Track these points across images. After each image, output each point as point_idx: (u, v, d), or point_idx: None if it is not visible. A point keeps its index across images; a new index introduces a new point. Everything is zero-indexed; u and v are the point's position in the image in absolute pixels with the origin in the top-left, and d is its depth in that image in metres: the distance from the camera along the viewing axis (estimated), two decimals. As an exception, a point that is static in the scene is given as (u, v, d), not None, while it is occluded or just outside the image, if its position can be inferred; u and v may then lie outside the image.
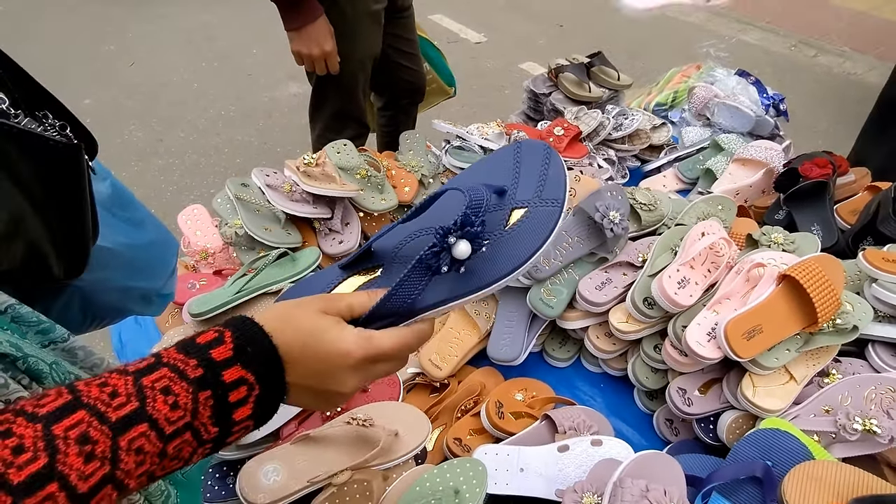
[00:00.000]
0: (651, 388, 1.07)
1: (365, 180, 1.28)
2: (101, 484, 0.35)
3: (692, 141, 1.77)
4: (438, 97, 2.16)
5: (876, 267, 1.01)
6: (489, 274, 0.54)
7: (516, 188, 0.57)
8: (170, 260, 0.73)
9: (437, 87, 2.11)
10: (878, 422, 0.81)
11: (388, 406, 0.91)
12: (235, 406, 0.42)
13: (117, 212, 0.63)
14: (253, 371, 0.43)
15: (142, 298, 0.68)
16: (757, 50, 3.70)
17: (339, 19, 1.52)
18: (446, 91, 2.15)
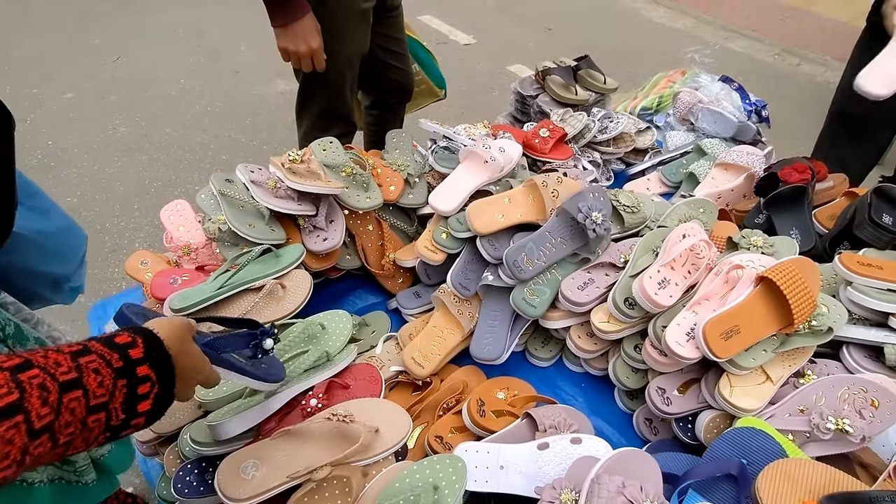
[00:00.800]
0: (631, 387, 1.09)
1: (350, 178, 1.28)
2: (46, 428, 0.43)
3: (676, 145, 1.79)
4: (427, 99, 2.16)
5: (851, 270, 1.03)
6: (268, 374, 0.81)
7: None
8: (78, 248, 0.80)
9: (426, 89, 2.11)
10: (850, 421, 0.83)
11: (369, 402, 0.91)
12: (141, 398, 0.52)
13: (24, 200, 0.68)
14: (156, 372, 0.53)
15: (52, 284, 0.75)
16: (742, 57, 3.76)
17: (327, 17, 1.51)
18: (436, 93, 2.15)
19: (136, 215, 2.56)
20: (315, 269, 1.24)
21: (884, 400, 0.86)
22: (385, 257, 1.33)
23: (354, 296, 1.41)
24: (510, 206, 1.20)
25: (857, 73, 1.52)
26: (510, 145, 1.33)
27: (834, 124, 1.74)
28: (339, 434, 0.81)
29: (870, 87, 1.26)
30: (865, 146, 1.74)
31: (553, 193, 1.17)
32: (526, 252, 1.13)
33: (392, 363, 1.18)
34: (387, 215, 1.37)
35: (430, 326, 1.20)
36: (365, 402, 0.91)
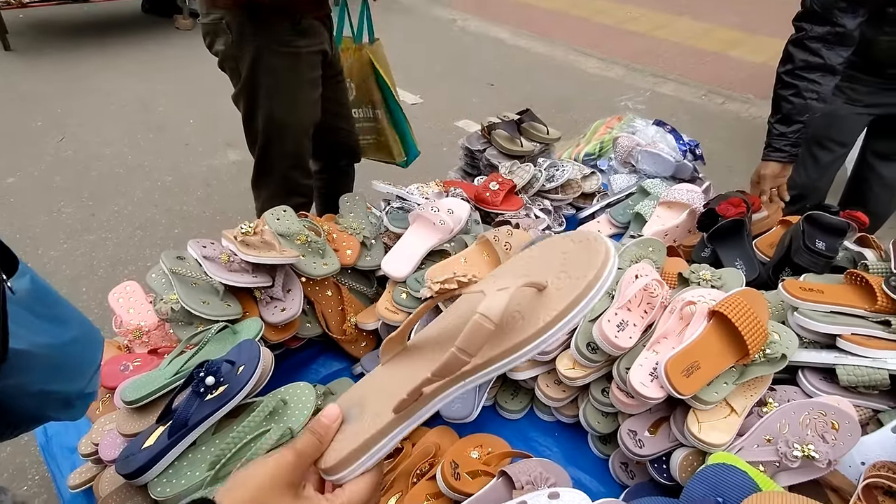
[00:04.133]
0: (603, 432, 1.08)
1: (305, 246, 1.27)
2: None
3: (620, 187, 1.87)
4: (385, 156, 2.26)
5: (795, 296, 1.07)
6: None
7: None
8: (94, 357, 0.68)
9: (386, 144, 2.21)
10: (815, 447, 0.85)
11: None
12: None
13: (39, 309, 0.58)
14: None
15: (62, 403, 0.62)
16: (672, 100, 4.01)
17: (283, 88, 1.55)
18: (394, 156, 2.25)
19: (85, 298, 2.46)
20: (274, 340, 1.21)
21: (843, 422, 0.89)
22: (346, 322, 1.31)
23: (317, 364, 1.37)
24: (467, 266, 1.21)
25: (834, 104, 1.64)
26: (458, 205, 1.36)
27: (813, 150, 1.85)
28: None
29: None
30: (836, 167, 1.84)
31: (506, 247, 1.19)
32: (486, 305, 1.13)
33: (361, 432, 1.14)
34: (345, 279, 1.37)
35: (397, 389, 1.18)
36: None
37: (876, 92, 1.61)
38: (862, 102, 1.65)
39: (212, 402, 0.92)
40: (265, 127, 1.58)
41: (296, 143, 1.62)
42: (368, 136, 2.21)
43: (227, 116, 1.71)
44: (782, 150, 1.52)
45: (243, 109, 1.61)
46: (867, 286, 1.07)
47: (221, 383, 0.94)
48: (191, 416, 0.88)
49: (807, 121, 1.49)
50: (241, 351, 1.01)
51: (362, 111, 2.14)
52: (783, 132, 1.52)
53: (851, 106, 1.67)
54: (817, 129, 1.78)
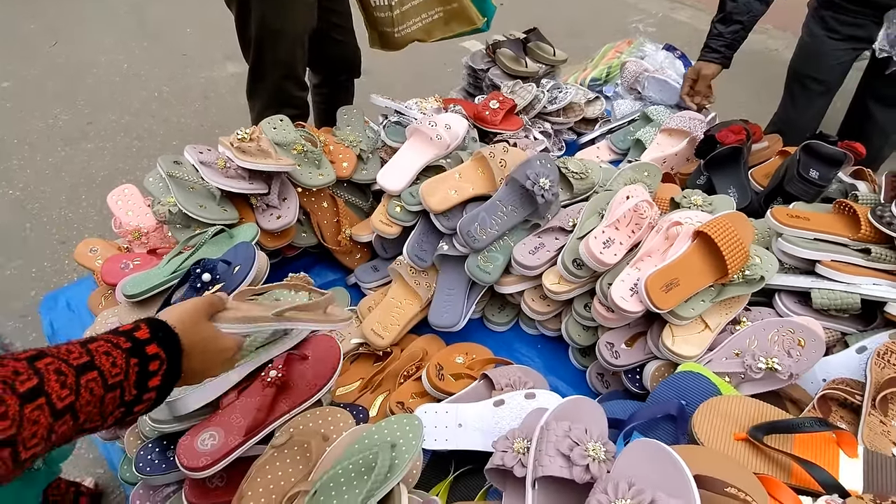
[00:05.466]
0: (583, 345, 1.14)
1: (301, 156, 1.28)
2: (67, 408, 0.47)
3: (623, 113, 1.84)
4: (461, 26, 1.90)
5: (781, 223, 1.09)
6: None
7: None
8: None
9: (458, 12, 1.85)
10: (779, 360, 0.89)
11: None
12: (152, 375, 0.55)
13: None
14: (164, 349, 0.57)
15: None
16: (686, 27, 3.85)
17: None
18: (472, 21, 1.86)
19: (84, 205, 2.48)
20: (270, 247, 1.24)
21: (809, 339, 0.93)
22: (341, 233, 1.33)
23: (313, 273, 1.41)
24: (461, 182, 1.22)
25: (811, 34, 1.63)
26: (456, 121, 1.35)
27: (792, 87, 1.82)
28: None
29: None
30: (817, 104, 1.81)
31: (501, 163, 1.20)
32: (479, 222, 1.16)
33: (352, 336, 1.20)
34: (341, 191, 1.38)
35: (389, 298, 1.22)
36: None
37: (860, 24, 1.52)
38: (840, 34, 1.57)
39: None
40: (258, 32, 1.53)
41: (288, 52, 1.58)
42: (434, 10, 1.83)
43: (226, 27, 1.63)
44: (717, 51, 1.54)
45: (235, 13, 1.56)
46: (853, 215, 1.08)
47: (218, 281, 0.97)
48: None
49: (746, 22, 1.50)
50: (238, 252, 1.04)
51: None
52: (721, 32, 1.54)
53: (830, 37, 1.60)
54: (795, 62, 1.74)
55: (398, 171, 1.28)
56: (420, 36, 1.87)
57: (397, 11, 1.74)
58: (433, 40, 1.92)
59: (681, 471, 0.62)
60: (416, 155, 1.30)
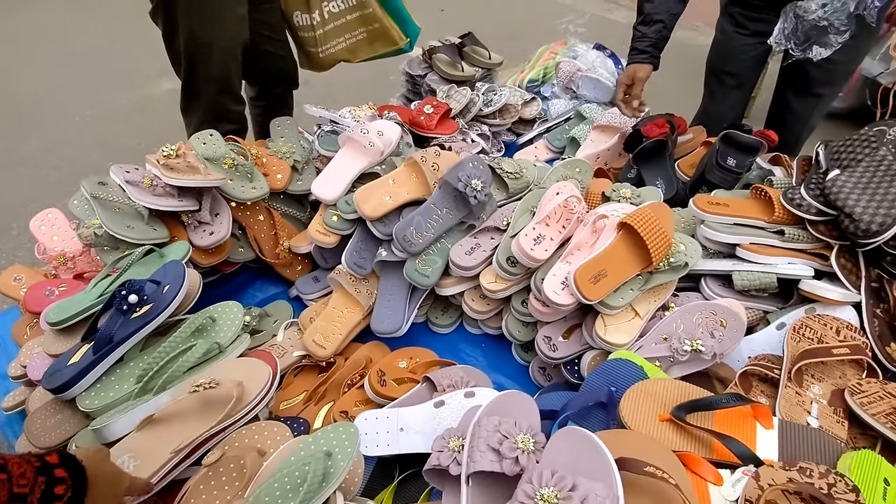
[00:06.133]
0: (524, 340, 1.16)
1: (232, 170, 1.26)
2: None
3: (558, 113, 1.88)
4: (385, 46, 1.93)
5: (702, 210, 1.14)
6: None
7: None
8: None
9: (381, 32, 1.88)
10: (702, 342, 0.93)
11: (224, 364, 0.93)
12: (56, 498, 0.55)
13: None
14: (71, 477, 0.57)
15: None
16: (623, 27, 3.96)
17: (199, 6, 1.46)
18: (395, 41, 1.90)
19: (15, 234, 2.38)
20: (205, 264, 1.22)
21: (730, 320, 0.97)
22: (280, 246, 1.32)
23: (254, 288, 1.40)
24: (396, 187, 1.22)
25: (723, 31, 1.70)
26: (389, 127, 1.36)
27: (709, 82, 1.89)
28: (207, 401, 0.81)
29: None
30: (733, 97, 1.89)
31: (434, 167, 1.21)
32: (414, 226, 1.16)
33: (295, 348, 1.19)
34: (277, 204, 1.36)
35: (330, 308, 1.22)
36: (221, 364, 0.93)
37: (765, 19, 1.57)
38: (749, 30, 1.63)
39: (137, 320, 0.93)
40: (187, 46, 1.50)
41: (222, 66, 1.55)
42: (357, 30, 1.85)
43: (159, 41, 1.59)
44: (645, 52, 1.56)
45: (162, 28, 1.53)
46: (768, 199, 1.14)
47: (146, 302, 0.95)
48: (115, 333, 0.90)
49: (667, 21, 1.52)
50: (167, 271, 1.02)
51: (342, 1, 1.78)
52: (644, 33, 1.56)
53: (739, 33, 1.66)
54: (710, 58, 1.82)
55: (332, 180, 1.28)
56: (345, 56, 1.90)
57: (319, 31, 1.76)
58: (359, 60, 1.96)
59: (603, 455, 0.64)
60: (350, 163, 1.30)
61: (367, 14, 1.83)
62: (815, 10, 1.48)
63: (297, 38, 1.81)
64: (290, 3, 1.71)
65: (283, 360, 1.16)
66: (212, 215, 1.22)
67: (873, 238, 0.94)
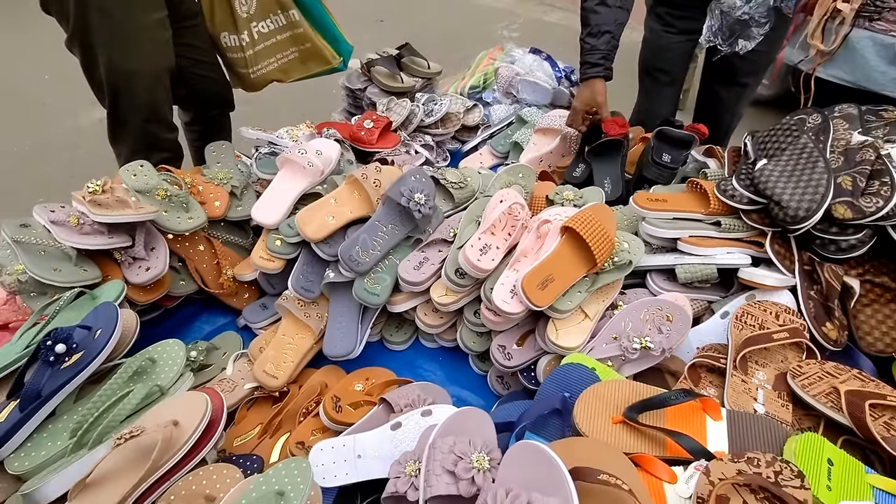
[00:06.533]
0: (479, 351, 1.15)
1: (166, 201, 1.21)
2: None
3: (500, 118, 1.90)
4: (319, 66, 1.90)
5: (642, 207, 1.16)
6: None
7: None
8: None
9: (313, 51, 1.85)
10: (650, 338, 0.94)
11: (154, 407, 0.88)
12: None
13: None
14: None
15: None
16: (561, 28, 4.06)
17: (117, 33, 1.40)
18: (328, 60, 1.88)
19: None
20: (144, 301, 1.16)
21: (676, 314, 0.99)
22: (223, 276, 1.27)
23: (201, 321, 1.34)
24: (338, 207, 1.20)
25: (651, 31, 1.73)
26: (327, 146, 1.33)
27: (643, 80, 1.93)
28: (134, 452, 0.77)
29: None
30: (667, 94, 1.95)
31: (375, 183, 1.19)
32: (360, 245, 1.14)
33: (246, 381, 1.15)
34: (217, 232, 1.32)
35: (279, 335, 1.18)
36: (154, 408, 0.88)
37: (691, 17, 1.64)
38: (676, 28, 1.69)
39: (67, 371, 0.88)
40: (109, 76, 1.44)
41: (148, 94, 1.49)
42: (288, 50, 1.82)
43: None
44: (598, 65, 1.51)
45: (80, 58, 1.46)
46: (704, 192, 1.17)
47: (76, 350, 0.90)
48: (43, 387, 0.84)
49: (615, 31, 1.51)
50: (98, 315, 0.96)
51: (271, 21, 1.73)
52: (594, 45, 1.52)
53: (667, 32, 1.72)
54: (643, 58, 1.87)
55: (272, 203, 1.24)
56: (277, 76, 1.87)
57: (249, 52, 1.72)
58: (292, 80, 1.92)
59: (556, 468, 0.64)
60: (290, 185, 1.26)
61: (298, 34, 1.80)
62: (740, 6, 1.54)
63: (226, 60, 1.76)
64: (217, 25, 1.66)
65: (233, 393, 1.12)
66: (147, 250, 1.16)
67: (801, 223, 0.98)
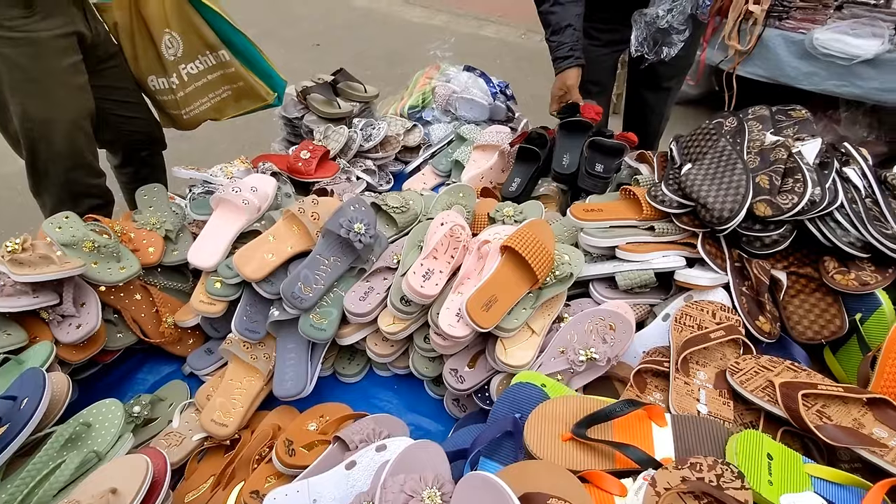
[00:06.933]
0: (432, 376, 1.14)
1: (95, 252, 1.16)
2: None
3: (439, 137, 1.91)
4: (251, 103, 1.89)
5: (579, 218, 1.19)
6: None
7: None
8: None
9: (248, 90, 1.85)
10: (595, 349, 0.96)
11: (90, 476, 0.84)
12: None
13: None
14: None
15: None
16: (495, 42, 4.14)
17: (30, 81, 1.35)
18: (262, 97, 1.87)
19: None
20: (77, 360, 1.11)
21: (618, 322, 1.01)
22: (163, 323, 1.23)
23: (143, 372, 1.29)
24: (277, 244, 1.18)
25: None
26: (262, 181, 1.31)
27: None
28: None
29: None
30: (599, 103, 2.01)
31: (313, 217, 1.18)
32: (302, 280, 1.13)
33: (194, 432, 1.11)
34: (154, 279, 1.27)
35: (227, 381, 1.14)
36: (90, 476, 0.84)
37: (615, 30, 1.73)
38: (601, 41, 1.77)
39: None
40: (23, 126, 1.37)
41: (68, 142, 1.43)
42: (220, 89, 1.80)
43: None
44: (568, 56, 1.58)
45: None
46: (636, 199, 1.21)
47: (1, 423, 0.84)
48: None
49: (575, 23, 1.57)
50: (24, 383, 0.91)
51: (201, 62, 1.71)
52: (560, 41, 1.58)
53: (593, 45, 1.79)
54: None
55: (209, 245, 1.21)
56: (212, 115, 1.84)
57: (180, 94, 1.68)
58: (227, 118, 1.90)
59: (506, 497, 0.64)
60: (226, 224, 1.23)
61: (229, 73, 1.78)
62: (662, 17, 1.62)
63: (155, 102, 1.71)
64: (143, 68, 1.62)
65: (181, 447, 1.08)
66: (76, 306, 1.11)
67: (727, 224, 1.02)
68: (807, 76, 2.33)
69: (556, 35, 1.59)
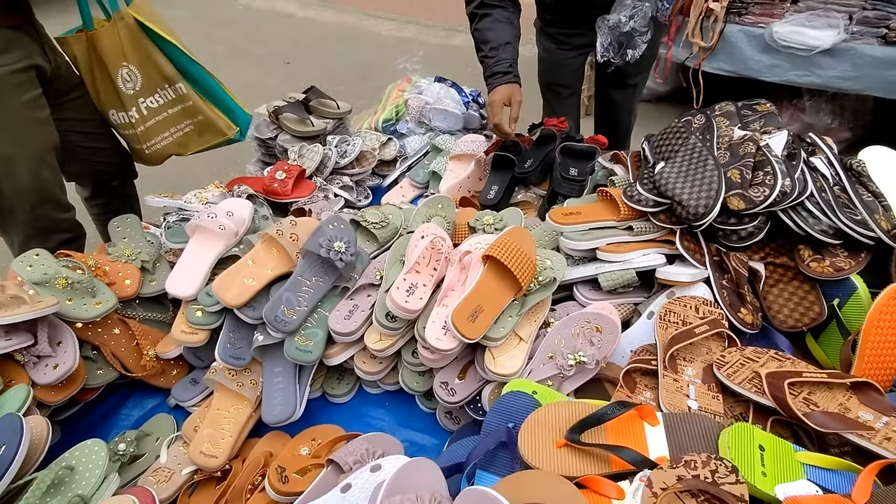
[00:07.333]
0: (423, 390, 1.14)
1: (69, 289, 1.13)
2: None
3: (415, 149, 1.91)
4: (213, 138, 1.87)
5: (558, 222, 1.20)
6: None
7: None
8: None
9: (210, 125, 1.83)
10: (583, 352, 0.96)
11: None
12: None
13: None
14: None
15: None
16: (464, 51, 4.17)
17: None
18: (222, 132, 1.85)
19: None
20: (56, 401, 1.08)
21: (604, 324, 1.02)
22: (144, 357, 1.20)
23: (127, 407, 1.26)
24: (257, 268, 1.16)
25: (545, 50, 1.79)
26: (238, 205, 1.29)
27: (546, 95, 2.03)
28: None
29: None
30: (570, 104, 2.04)
31: (292, 238, 1.17)
32: (284, 303, 1.11)
33: (183, 466, 1.08)
34: (133, 311, 1.25)
35: (214, 410, 1.12)
36: None
37: (581, 34, 1.77)
38: (569, 45, 1.81)
39: None
40: None
41: (32, 177, 1.40)
42: (182, 123, 1.78)
43: None
44: (508, 72, 1.57)
45: None
46: (613, 199, 1.22)
47: None
48: None
49: (513, 40, 1.57)
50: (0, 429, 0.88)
51: (160, 96, 1.69)
52: (499, 57, 1.57)
53: (561, 49, 1.83)
54: (541, 74, 1.98)
55: (187, 273, 1.19)
56: (176, 150, 1.81)
57: (140, 128, 1.66)
58: (192, 153, 1.86)
59: (503, 509, 0.63)
60: (204, 251, 1.22)
61: (188, 107, 1.75)
62: (625, 22, 1.65)
63: (120, 135, 1.69)
64: (104, 102, 1.59)
65: (171, 482, 1.05)
66: (52, 345, 1.08)
67: (703, 219, 1.03)
68: (769, 68, 2.39)
69: (496, 51, 1.57)
